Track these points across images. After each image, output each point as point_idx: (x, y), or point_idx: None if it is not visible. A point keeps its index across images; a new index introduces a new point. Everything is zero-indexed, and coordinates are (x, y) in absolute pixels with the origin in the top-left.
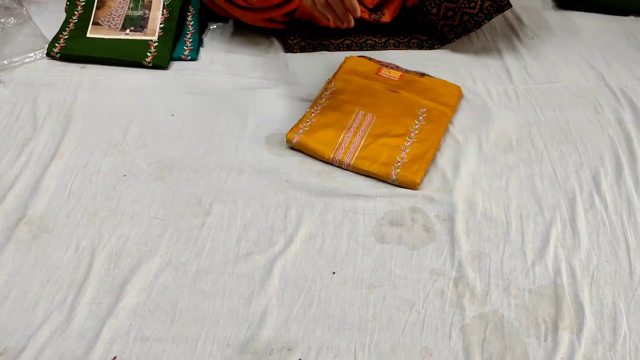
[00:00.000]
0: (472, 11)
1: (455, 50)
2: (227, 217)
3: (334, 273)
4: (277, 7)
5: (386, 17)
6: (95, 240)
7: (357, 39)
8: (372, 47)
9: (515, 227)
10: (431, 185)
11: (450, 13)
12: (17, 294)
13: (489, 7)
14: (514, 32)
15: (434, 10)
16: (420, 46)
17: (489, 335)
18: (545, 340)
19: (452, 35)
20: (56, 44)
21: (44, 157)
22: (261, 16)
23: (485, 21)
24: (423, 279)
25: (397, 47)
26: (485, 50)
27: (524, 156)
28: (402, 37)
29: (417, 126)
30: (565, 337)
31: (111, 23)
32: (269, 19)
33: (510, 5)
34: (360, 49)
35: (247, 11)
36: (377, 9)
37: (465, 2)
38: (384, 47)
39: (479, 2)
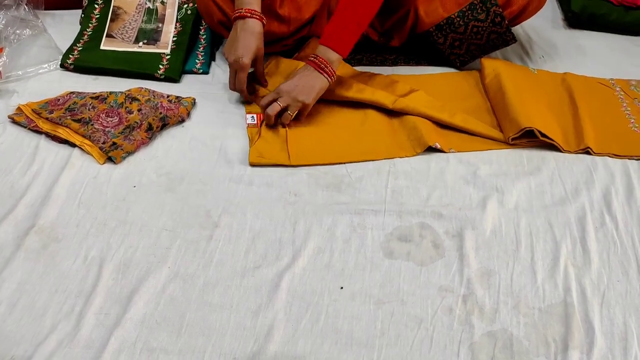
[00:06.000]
0: (478, 42)
1: (466, 66)
2: (236, 229)
3: (341, 288)
4: (288, 37)
5: (395, 42)
6: (104, 250)
7: (368, 54)
8: (383, 63)
9: (525, 244)
10: (440, 201)
11: (457, 43)
12: (25, 303)
13: (495, 40)
14: (524, 50)
15: (441, 40)
16: (431, 62)
17: (497, 354)
18: (555, 359)
19: (458, 63)
20: (70, 56)
21: (55, 167)
22: (273, 46)
23: (491, 51)
24: (431, 295)
25: (407, 63)
26: None
27: (534, 173)
28: (412, 55)
29: None
30: (575, 356)
31: (125, 36)
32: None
33: (516, 40)
34: (371, 63)
35: None
36: (386, 33)
37: (472, 34)
38: (395, 63)
39: (485, 35)
